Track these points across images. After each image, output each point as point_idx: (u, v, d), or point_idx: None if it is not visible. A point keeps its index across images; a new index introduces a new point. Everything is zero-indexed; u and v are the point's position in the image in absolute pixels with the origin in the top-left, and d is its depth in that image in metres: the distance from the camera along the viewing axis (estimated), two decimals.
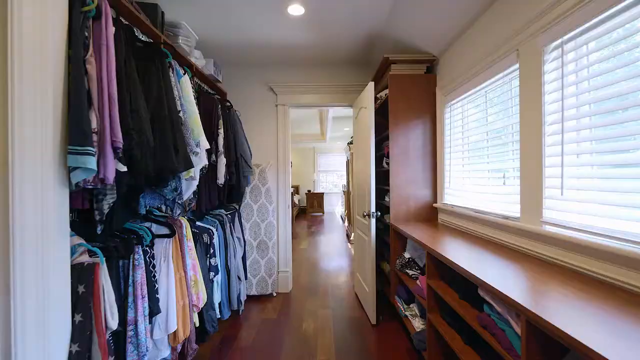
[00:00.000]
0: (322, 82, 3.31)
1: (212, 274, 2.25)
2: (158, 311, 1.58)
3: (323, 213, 10.64)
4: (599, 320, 0.83)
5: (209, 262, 2.26)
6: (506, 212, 1.68)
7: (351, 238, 5.97)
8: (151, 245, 1.59)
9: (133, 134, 1.26)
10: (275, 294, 3.22)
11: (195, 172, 1.84)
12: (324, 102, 3.34)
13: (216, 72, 2.85)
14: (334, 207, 11.19)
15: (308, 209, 10.65)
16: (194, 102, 1.85)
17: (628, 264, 1.02)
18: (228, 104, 2.77)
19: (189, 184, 1.88)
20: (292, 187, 10.27)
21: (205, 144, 1.90)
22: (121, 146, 1.17)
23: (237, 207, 3.07)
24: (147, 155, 1.33)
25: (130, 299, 1.39)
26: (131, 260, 1.40)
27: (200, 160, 1.89)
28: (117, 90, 1.21)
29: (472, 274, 1.20)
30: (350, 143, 6.31)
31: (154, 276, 1.61)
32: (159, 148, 1.48)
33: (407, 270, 2.25)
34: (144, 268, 1.44)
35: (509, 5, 1.63)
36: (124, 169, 1.23)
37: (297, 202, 10.03)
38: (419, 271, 2.19)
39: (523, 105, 1.51)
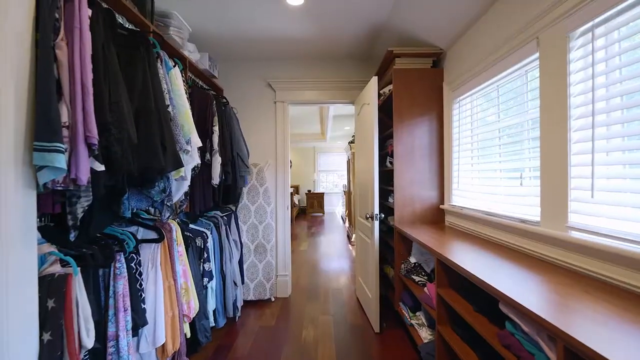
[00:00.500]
0: (323, 78, 3.18)
1: (205, 279, 2.12)
2: (144, 323, 1.44)
3: (323, 213, 10.50)
4: None
5: (203, 267, 2.13)
6: (523, 216, 1.55)
7: (352, 239, 5.84)
8: (137, 252, 1.46)
9: (112, 129, 1.13)
10: (273, 299, 3.09)
11: (186, 172, 1.71)
12: (325, 99, 3.21)
13: (212, 67, 2.72)
14: (335, 207, 11.06)
15: (308, 209, 10.52)
16: (184, 96, 1.72)
17: None
18: (224, 100, 2.64)
19: (180, 185, 1.75)
20: (291, 187, 10.15)
21: (197, 142, 1.76)
22: (97, 142, 1.04)
23: (233, 208, 2.94)
24: (129, 152, 1.20)
25: (110, 312, 1.25)
26: (112, 269, 1.27)
27: (192, 159, 1.76)
28: (93, 80, 1.07)
29: (493, 287, 1.07)
30: (352, 142, 6.17)
31: (141, 285, 1.48)
32: (144, 145, 1.35)
33: (413, 276, 2.11)
34: (126, 278, 1.30)
35: None
36: (102, 168, 1.09)
37: (297, 202, 9.90)
38: (425, 277, 2.05)
39: (544, 99, 1.37)
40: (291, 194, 9.09)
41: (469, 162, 2.20)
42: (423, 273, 2.09)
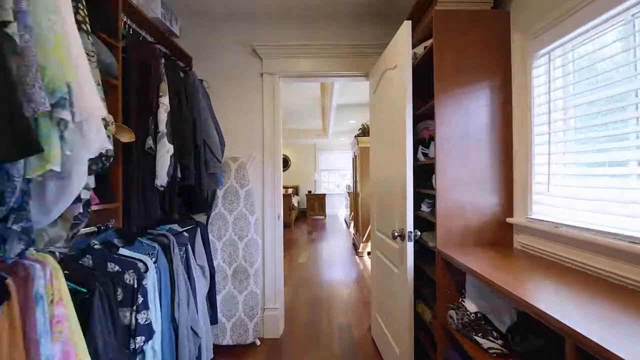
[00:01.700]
0: (325, 41, 2.35)
1: (138, 340, 1.31)
2: None
3: (325, 216, 9.69)
4: None
5: (135, 319, 1.31)
6: None
7: (359, 249, 5.01)
8: None
9: None
10: (259, 343, 2.26)
11: (71, 165, 0.90)
12: (328, 71, 2.38)
13: (167, 17, 1.91)
14: (337, 209, 10.24)
15: (308, 212, 9.71)
16: (61, 15, 0.89)
17: None
18: (182, 64, 1.83)
19: (61, 190, 0.92)
20: (291, 187, 9.33)
21: (91, 106, 0.93)
22: None
23: (202, 219, 2.12)
24: None
25: None
26: None
27: (85, 141, 0.94)
28: None
29: None
30: (358, 135, 5.35)
31: None
32: None
33: (475, 337, 1.29)
34: None
35: None
36: None
37: (296, 204, 9.10)
38: (500, 342, 1.23)
39: None
40: (290, 195, 8.26)
41: (561, 150, 1.38)
42: (494, 334, 1.26)
